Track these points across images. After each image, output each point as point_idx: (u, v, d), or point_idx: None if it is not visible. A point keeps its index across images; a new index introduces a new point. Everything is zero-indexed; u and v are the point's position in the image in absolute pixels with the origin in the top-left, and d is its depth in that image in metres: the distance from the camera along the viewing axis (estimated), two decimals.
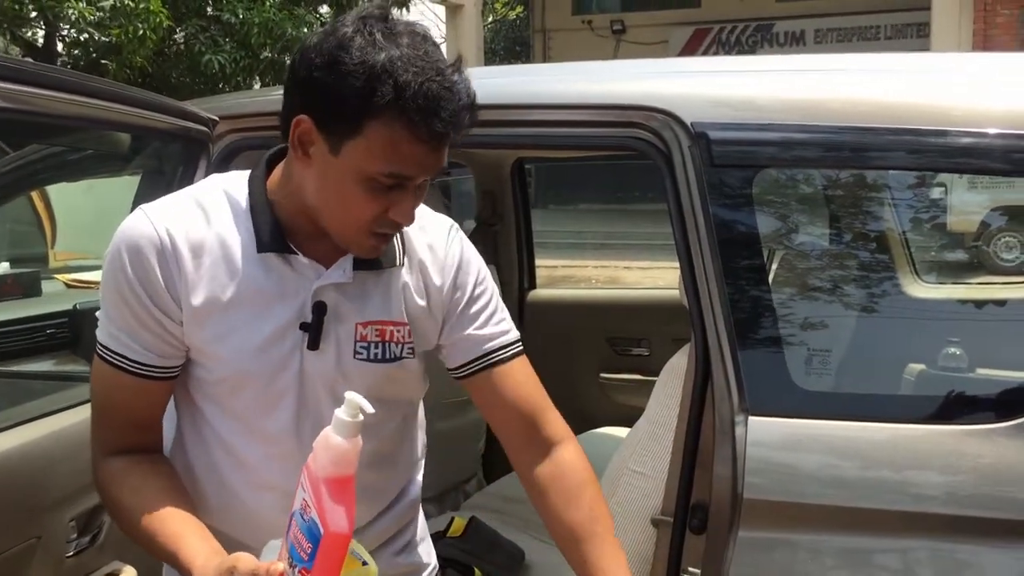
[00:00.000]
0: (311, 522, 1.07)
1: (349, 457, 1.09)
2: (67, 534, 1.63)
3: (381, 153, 1.16)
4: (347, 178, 1.19)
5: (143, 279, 1.24)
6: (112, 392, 1.30)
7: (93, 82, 1.70)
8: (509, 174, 3.43)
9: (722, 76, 1.86)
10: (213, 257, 1.26)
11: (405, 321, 1.35)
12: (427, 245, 1.39)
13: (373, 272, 1.32)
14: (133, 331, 1.26)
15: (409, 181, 1.20)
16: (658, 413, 1.79)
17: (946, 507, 1.49)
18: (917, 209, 2.54)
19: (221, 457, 1.33)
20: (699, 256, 1.64)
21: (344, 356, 1.31)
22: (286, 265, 1.28)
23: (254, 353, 1.27)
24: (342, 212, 1.22)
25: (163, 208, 1.28)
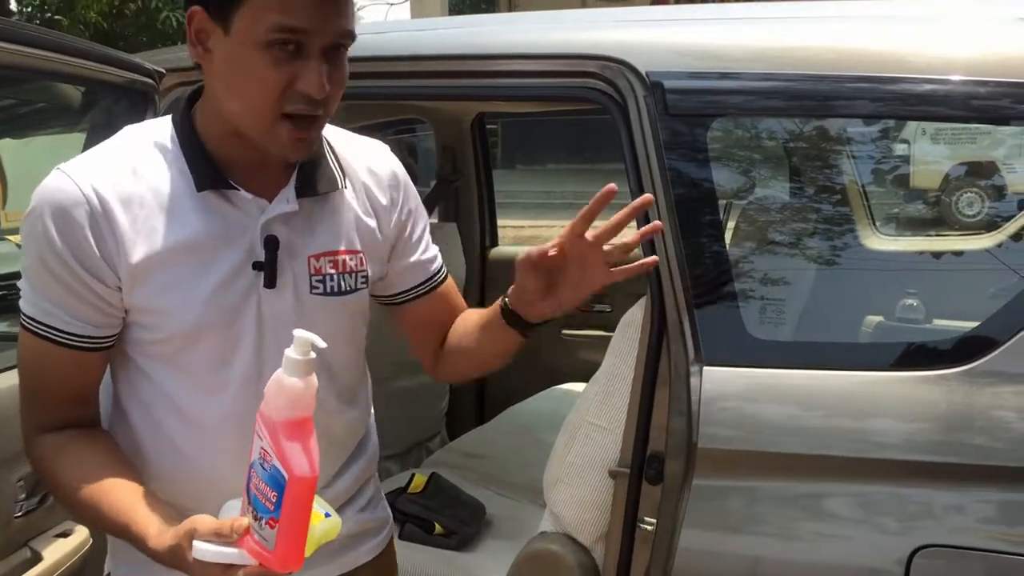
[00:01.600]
0: (273, 469, 1.03)
1: (305, 398, 1.04)
2: (15, 495, 1.60)
3: (267, 8, 1.12)
4: (244, 52, 1.14)
5: (72, 244, 1.16)
6: (43, 367, 1.22)
7: (41, 33, 1.64)
8: (469, 130, 3.40)
9: (678, 24, 1.84)
10: (148, 208, 1.19)
11: (357, 248, 1.32)
12: (366, 166, 1.37)
13: (319, 199, 1.28)
14: (62, 301, 1.19)
15: (307, 39, 1.13)
16: (615, 366, 1.79)
17: (903, 453, 1.50)
18: (878, 161, 2.55)
19: (172, 422, 1.27)
20: (655, 208, 1.62)
21: (302, 292, 1.27)
22: (227, 203, 1.22)
23: (206, 301, 1.21)
24: (250, 96, 1.16)
25: (84, 164, 1.20)
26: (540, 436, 2.80)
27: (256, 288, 1.24)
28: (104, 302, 1.20)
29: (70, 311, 1.19)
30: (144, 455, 1.28)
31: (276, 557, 1.04)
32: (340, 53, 1.19)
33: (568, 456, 1.82)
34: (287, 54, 1.13)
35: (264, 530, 1.04)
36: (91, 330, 1.21)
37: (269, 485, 1.03)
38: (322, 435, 1.18)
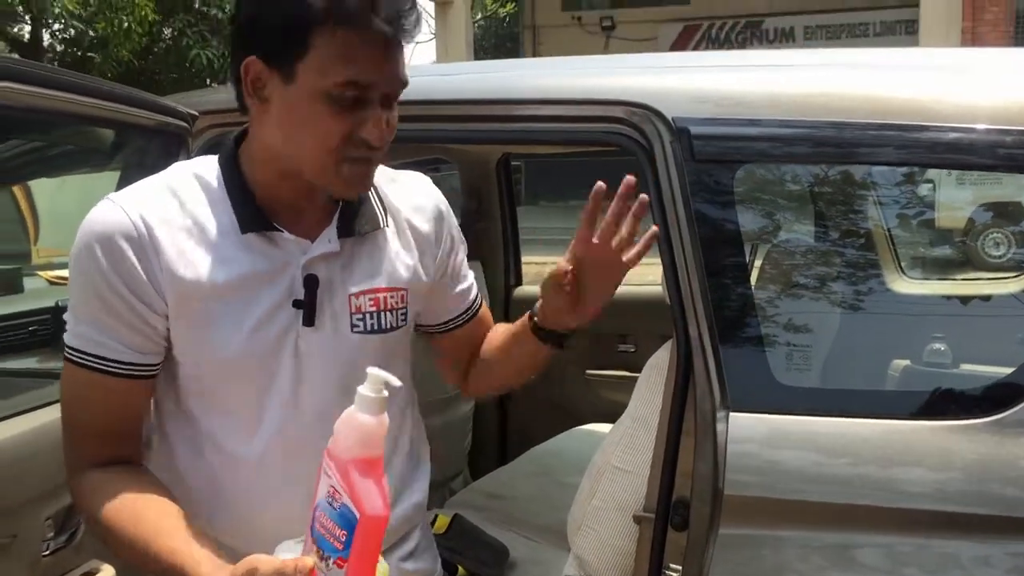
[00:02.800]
0: (343, 508, 1.02)
1: (377, 436, 1.04)
2: (43, 533, 1.61)
3: (334, 62, 1.14)
4: (308, 101, 1.16)
5: (121, 270, 1.18)
6: (87, 398, 1.23)
7: (73, 77, 1.68)
8: (495, 170, 3.42)
9: (704, 71, 1.86)
10: (193, 241, 1.22)
11: (398, 286, 1.33)
12: (407, 199, 1.39)
13: (359, 239, 1.30)
14: (109, 328, 1.20)
15: (370, 90, 1.16)
16: (640, 409, 1.79)
17: (931, 503, 1.49)
18: (903, 205, 2.54)
19: (212, 459, 1.27)
20: (681, 252, 1.63)
21: (341, 330, 1.28)
22: (270, 244, 1.25)
23: (245, 337, 1.22)
24: (311, 142, 1.18)
25: (134, 195, 1.22)
26: (564, 478, 2.78)
27: (295, 326, 1.25)
28: (151, 328, 1.22)
29: (118, 338, 1.20)
30: (186, 492, 1.28)
31: None
32: (394, 101, 1.22)
33: (593, 500, 1.82)
34: (350, 104, 1.16)
35: (332, 571, 1.03)
36: (138, 357, 1.22)
37: (338, 524, 1.03)
38: None
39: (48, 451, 1.64)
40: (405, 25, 1.16)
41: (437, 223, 1.41)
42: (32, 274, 4.01)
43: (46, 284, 3.91)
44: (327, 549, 1.03)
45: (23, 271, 3.89)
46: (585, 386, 3.42)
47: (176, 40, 11.11)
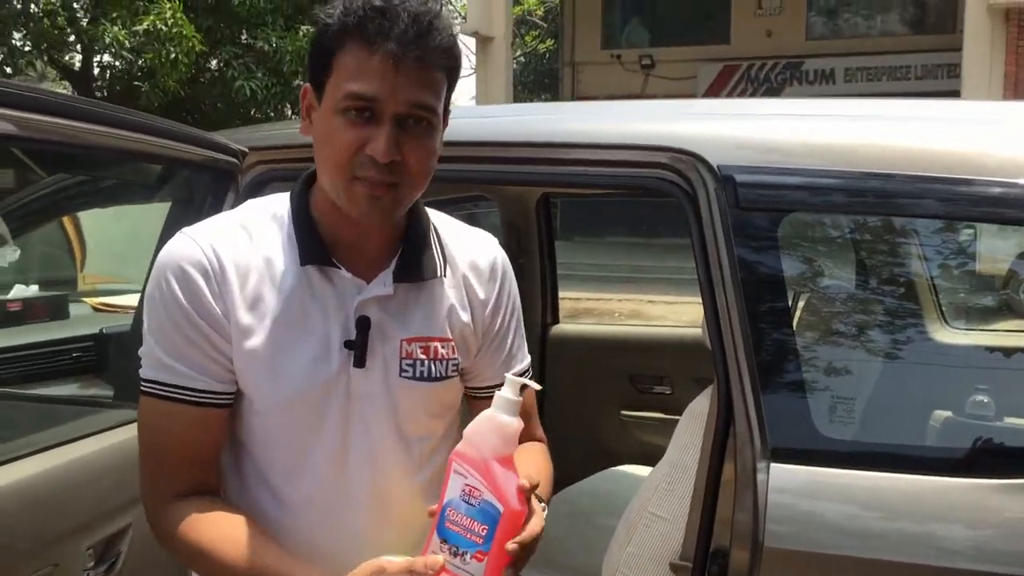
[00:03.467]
0: (483, 503, 1.09)
1: (515, 435, 1.13)
2: (84, 562, 1.63)
3: (344, 77, 1.19)
4: (328, 117, 1.21)
5: (191, 299, 1.22)
6: (166, 430, 1.25)
7: (128, 115, 1.73)
8: (535, 208, 3.44)
9: (749, 119, 1.86)
10: (258, 276, 1.25)
11: (449, 337, 1.34)
12: (469, 257, 1.39)
13: (415, 285, 1.31)
14: (185, 356, 1.23)
15: (378, 106, 1.18)
16: (678, 456, 1.78)
17: (970, 563, 1.46)
18: (945, 255, 2.52)
19: (262, 497, 1.29)
20: (723, 299, 1.63)
21: (391, 375, 1.29)
22: (327, 280, 1.27)
23: (298, 374, 1.24)
24: (327, 157, 1.22)
25: (206, 229, 1.27)
26: (597, 519, 2.76)
27: (347, 367, 1.27)
28: (222, 355, 1.25)
29: (193, 365, 1.24)
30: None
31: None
32: (421, 126, 1.22)
33: (628, 546, 1.81)
34: (362, 120, 1.19)
35: (469, 564, 1.09)
36: (214, 384, 1.25)
37: (478, 519, 1.10)
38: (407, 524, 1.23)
39: (89, 481, 1.67)
40: (419, 48, 1.18)
41: (492, 284, 1.40)
42: (78, 300, 4.08)
43: (91, 311, 3.98)
44: (464, 544, 1.10)
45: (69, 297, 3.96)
46: (620, 427, 3.40)
47: (222, 71, 11.30)
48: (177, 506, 1.25)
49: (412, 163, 1.22)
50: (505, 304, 1.42)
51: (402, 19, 1.17)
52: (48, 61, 11.45)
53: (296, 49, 10.71)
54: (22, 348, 3.01)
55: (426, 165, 1.24)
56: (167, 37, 9.55)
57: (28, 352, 2.97)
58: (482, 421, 1.13)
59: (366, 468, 1.25)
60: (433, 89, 1.22)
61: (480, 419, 1.14)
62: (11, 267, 3.76)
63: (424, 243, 1.33)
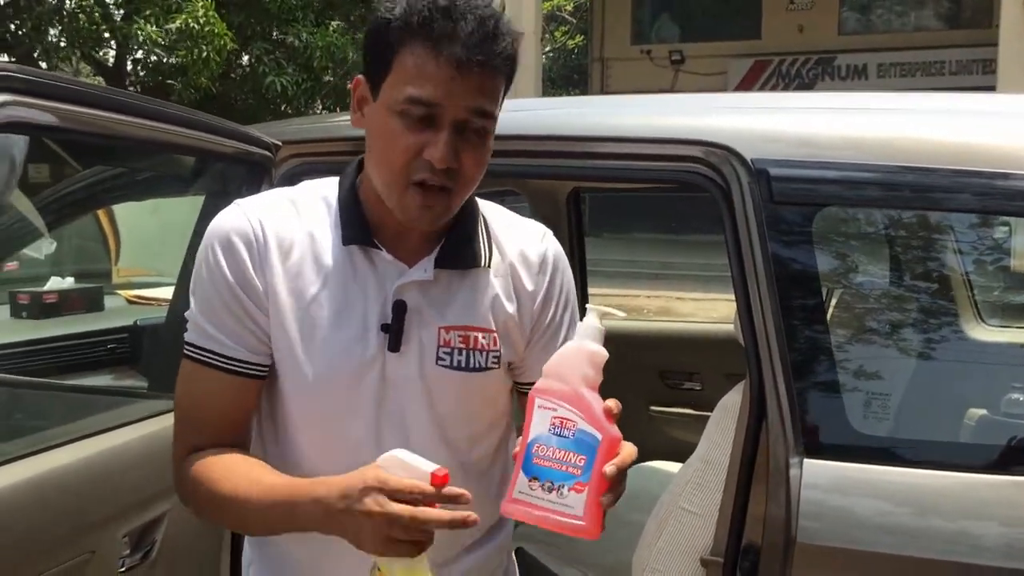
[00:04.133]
0: (580, 434, 1.08)
1: (602, 363, 1.12)
2: (120, 550, 1.65)
3: (405, 78, 1.17)
4: (385, 116, 1.20)
5: (233, 267, 1.24)
6: (198, 391, 1.28)
7: (163, 107, 1.74)
8: (565, 203, 3.43)
9: (783, 113, 1.85)
10: (301, 252, 1.26)
11: (492, 328, 1.32)
12: (518, 247, 1.36)
13: (457, 273, 1.30)
14: (222, 323, 1.25)
15: (438, 111, 1.17)
16: (710, 451, 1.77)
17: (1003, 560, 1.45)
18: (981, 251, 2.49)
19: (301, 474, 1.27)
20: (756, 294, 1.62)
21: (427, 361, 1.28)
22: (369, 262, 1.27)
23: (337, 353, 1.25)
24: (385, 159, 1.21)
25: (257, 202, 1.29)
26: (626, 515, 2.73)
27: (382, 350, 1.27)
28: (259, 328, 1.26)
29: (229, 334, 1.26)
30: None
31: (588, 521, 1.07)
32: (479, 132, 1.21)
33: (658, 542, 1.80)
34: (420, 123, 1.18)
35: (567, 497, 1.07)
36: (246, 355, 1.27)
37: (574, 450, 1.07)
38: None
39: (126, 469, 1.69)
40: (483, 53, 1.16)
41: (541, 276, 1.37)
42: (112, 293, 4.13)
43: (125, 303, 4.03)
44: (559, 478, 1.07)
45: (104, 290, 4.01)
46: (649, 423, 3.39)
47: (253, 67, 11.37)
48: (191, 456, 1.27)
49: (467, 169, 1.21)
50: (556, 297, 1.38)
51: (468, 22, 1.15)
52: (82, 57, 11.57)
53: (326, 45, 10.75)
54: (59, 339, 3.06)
55: (479, 171, 1.24)
56: (199, 36, 9.62)
57: (65, 343, 3.02)
58: (568, 351, 1.11)
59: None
60: (493, 95, 1.21)
61: (565, 349, 1.11)
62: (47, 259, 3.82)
63: (470, 231, 1.32)
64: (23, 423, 2.15)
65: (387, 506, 1.06)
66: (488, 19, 1.17)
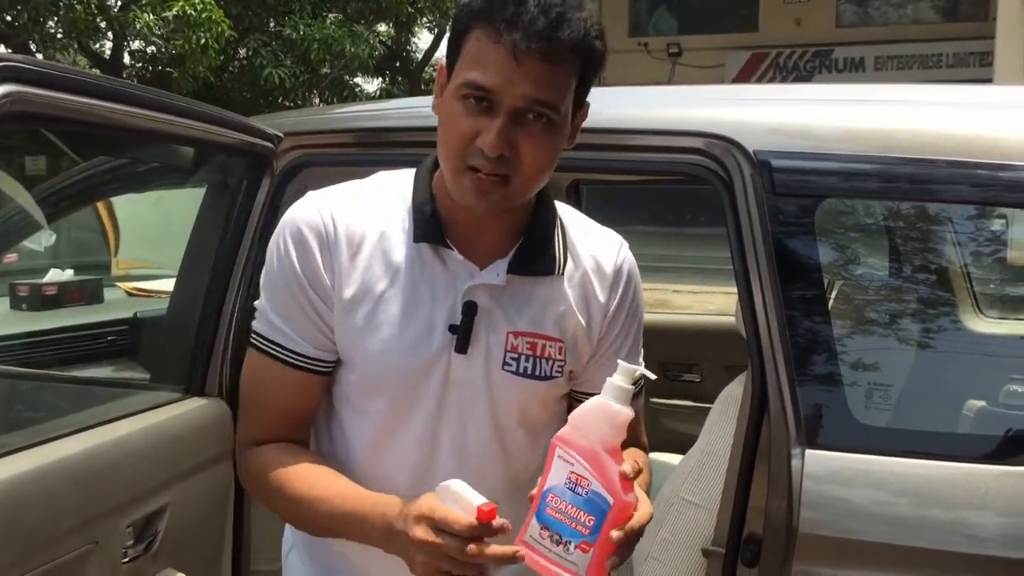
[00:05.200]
0: (592, 494, 1.06)
1: (624, 425, 1.09)
2: (124, 540, 1.65)
3: (468, 63, 1.17)
4: (450, 100, 1.20)
5: (303, 262, 1.24)
6: (264, 383, 1.29)
7: (165, 97, 1.74)
8: (564, 195, 3.44)
9: (785, 105, 1.85)
10: (370, 248, 1.26)
11: (561, 338, 1.30)
12: (593, 257, 1.35)
13: (530, 279, 1.29)
14: (290, 317, 1.26)
15: (495, 98, 1.15)
16: (712, 442, 1.78)
17: (1001, 550, 1.46)
18: (978, 242, 2.50)
19: (355, 471, 1.29)
20: (758, 285, 1.62)
21: (493, 365, 1.27)
22: (439, 261, 1.26)
23: (402, 351, 1.24)
24: (444, 141, 1.20)
25: (330, 196, 1.29)
26: None
27: (448, 351, 1.26)
28: (323, 322, 1.26)
29: (294, 328, 1.26)
30: None
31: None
32: (540, 122, 1.18)
33: (660, 532, 1.81)
34: (480, 109, 1.17)
35: (573, 554, 1.07)
36: (309, 350, 1.27)
37: (585, 509, 1.06)
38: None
39: (128, 460, 1.69)
40: (544, 40, 1.13)
41: (614, 289, 1.35)
42: (112, 285, 4.13)
43: (125, 295, 4.03)
44: (567, 534, 1.07)
45: (103, 282, 4.00)
46: (649, 415, 3.39)
47: (250, 59, 11.33)
48: (259, 450, 1.29)
49: (527, 159, 1.18)
50: (627, 310, 1.37)
51: (531, 8, 1.13)
52: (79, 48, 11.53)
53: (323, 37, 10.72)
54: (59, 331, 3.06)
55: (542, 162, 1.21)
56: (197, 23, 9.58)
57: (65, 335, 3.01)
58: (591, 407, 1.09)
59: (453, 456, 1.24)
60: (556, 86, 1.17)
61: (589, 405, 1.09)
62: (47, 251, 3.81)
63: (546, 237, 1.30)
64: (25, 415, 2.15)
65: (431, 536, 1.08)
66: (553, 6, 1.14)
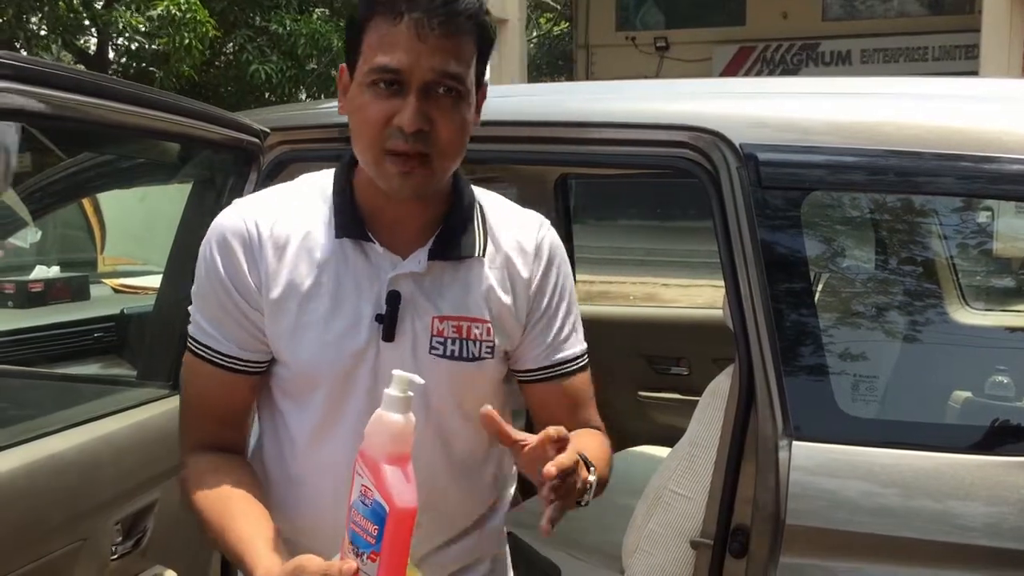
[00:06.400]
0: (374, 504, 1.06)
1: (405, 433, 1.07)
2: (112, 537, 1.65)
3: (372, 51, 1.19)
4: (358, 91, 1.22)
5: (228, 268, 1.26)
6: (197, 384, 1.32)
7: (151, 94, 1.73)
8: (552, 190, 3.44)
9: (771, 98, 1.86)
10: (296, 248, 1.28)
11: (486, 318, 1.32)
12: (515, 236, 1.36)
13: (451, 264, 1.30)
14: (219, 321, 1.28)
15: (404, 77, 1.18)
16: (699, 434, 1.79)
17: (988, 539, 1.47)
18: (964, 235, 2.51)
19: (291, 458, 1.32)
20: (745, 278, 1.63)
21: (419, 351, 1.28)
22: (362, 254, 1.28)
23: (331, 345, 1.26)
24: (361, 132, 1.22)
25: (254, 202, 1.31)
26: (616, 499, 2.75)
27: (376, 340, 1.27)
28: (253, 326, 1.29)
29: (224, 332, 1.29)
30: (271, 488, 1.34)
31: None
32: (451, 96, 1.21)
33: (649, 524, 1.82)
34: (390, 92, 1.19)
35: (367, 565, 1.06)
36: (239, 352, 1.29)
37: (370, 520, 1.06)
38: (431, 500, 1.20)
39: (116, 458, 1.69)
40: (444, 14, 1.17)
41: (536, 265, 1.36)
42: (98, 282, 4.11)
43: (111, 292, 4.01)
44: (361, 545, 1.07)
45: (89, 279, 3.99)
46: (637, 408, 3.41)
47: (236, 55, 11.27)
48: (196, 458, 1.31)
49: (443, 133, 1.21)
50: (553, 285, 1.38)
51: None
52: (63, 45, 11.45)
53: (310, 32, 10.67)
54: (45, 328, 3.05)
55: (457, 136, 1.23)
56: (181, 23, 9.52)
57: (51, 332, 3.00)
58: (372, 419, 1.08)
59: None
60: (461, 57, 1.21)
61: (373, 418, 1.08)
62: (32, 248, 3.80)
63: (465, 222, 1.32)
64: (11, 412, 2.14)
65: None
66: None
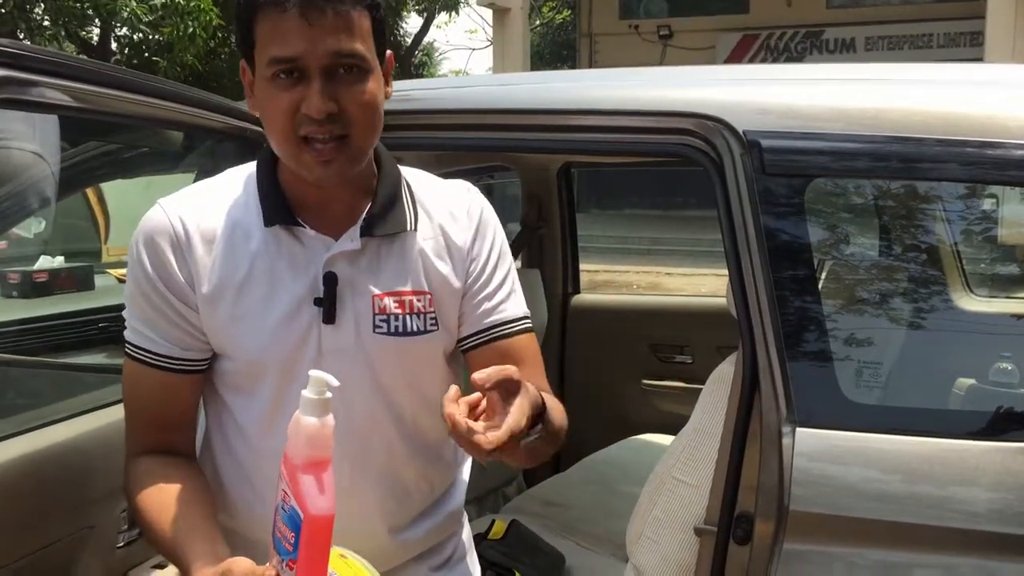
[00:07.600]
0: (291, 510, 1.03)
1: (321, 437, 1.04)
2: (118, 525, 1.66)
3: (265, 44, 1.19)
4: (263, 88, 1.21)
5: (157, 267, 1.25)
6: (138, 389, 1.30)
7: (156, 82, 1.73)
8: (555, 178, 3.44)
9: (775, 84, 1.85)
10: (225, 241, 1.27)
11: (426, 290, 1.32)
12: (445, 206, 1.37)
13: (385, 240, 1.31)
14: (153, 322, 1.27)
15: (303, 64, 1.18)
16: (703, 421, 1.79)
17: (993, 525, 1.47)
18: (968, 221, 2.51)
19: (242, 452, 1.32)
20: (749, 265, 1.63)
21: (363, 330, 1.28)
22: (294, 239, 1.28)
23: (269, 333, 1.26)
24: (273, 127, 1.22)
25: (178, 198, 1.30)
26: (619, 487, 2.78)
27: (317, 324, 1.27)
28: (188, 324, 1.28)
29: (159, 332, 1.28)
30: (222, 485, 1.35)
31: None
32: (353, 73, 1.21)
33: (653, 511, 1.82)
34: (292, 81, 1.19)
35: (285, 572, 1.05)
36: (178, 351, 1.28)
37: (288, 526, 1.04)
38: (389, 480, 1.23)
39: (122, 446, 1.69)
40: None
41: (468, 231, 1.38)
42: (102, 272, 4.12)
43: (115, 282, 4.02)
44: (281, 552, 1.05)
45: (94, 269, 4.00)
46: (640, 396, 3.42)
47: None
48: (137, 460, 1.31)
49: (353, 111, 1.21)
50: (488, 248, 1.39)
51: None
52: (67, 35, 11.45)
53: None
54: (50, 318, 3.05)
55: (369, 112, 1.23)
56: (184, 11, 9.52)
57: (56, 322, 3.01)
58: (291, 422, 1.06)
59: (340, 422, 1.16)
60: (355, 33, 1.20)
61: (292, 422, 1.06)
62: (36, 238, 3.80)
63: (393, 198, 1.33)
64: (18, 401, 2.15)
65: None
66: None
